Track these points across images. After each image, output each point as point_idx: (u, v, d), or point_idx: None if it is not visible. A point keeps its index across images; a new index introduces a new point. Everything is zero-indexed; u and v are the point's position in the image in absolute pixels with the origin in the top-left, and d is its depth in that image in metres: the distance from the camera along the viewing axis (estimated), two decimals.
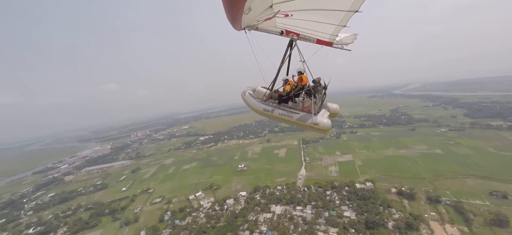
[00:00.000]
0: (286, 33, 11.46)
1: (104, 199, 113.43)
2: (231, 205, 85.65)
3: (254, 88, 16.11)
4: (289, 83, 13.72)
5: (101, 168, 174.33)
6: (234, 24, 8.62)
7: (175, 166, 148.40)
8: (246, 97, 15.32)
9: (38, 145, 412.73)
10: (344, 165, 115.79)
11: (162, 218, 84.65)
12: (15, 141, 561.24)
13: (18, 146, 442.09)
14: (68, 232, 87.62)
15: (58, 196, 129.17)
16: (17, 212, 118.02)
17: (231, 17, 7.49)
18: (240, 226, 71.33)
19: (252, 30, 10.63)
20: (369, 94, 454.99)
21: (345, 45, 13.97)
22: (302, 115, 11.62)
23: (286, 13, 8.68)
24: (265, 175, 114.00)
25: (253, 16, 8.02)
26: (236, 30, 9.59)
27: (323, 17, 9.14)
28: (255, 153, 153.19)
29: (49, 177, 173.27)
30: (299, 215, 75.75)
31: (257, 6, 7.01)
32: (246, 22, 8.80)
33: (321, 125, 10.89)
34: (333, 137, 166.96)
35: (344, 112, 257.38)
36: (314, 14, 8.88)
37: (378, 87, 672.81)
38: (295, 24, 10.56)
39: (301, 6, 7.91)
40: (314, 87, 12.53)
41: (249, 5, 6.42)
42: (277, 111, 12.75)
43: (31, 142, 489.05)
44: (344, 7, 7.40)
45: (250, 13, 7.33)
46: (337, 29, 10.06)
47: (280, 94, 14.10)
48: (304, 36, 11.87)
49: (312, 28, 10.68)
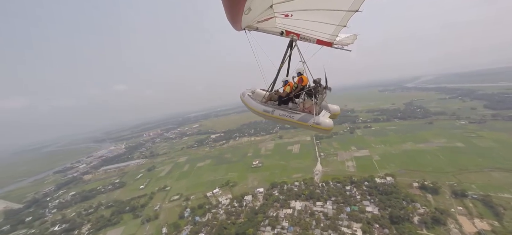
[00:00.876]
0: (286, 33, 11.41)
1: (123, 197, 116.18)
2: (250, 202, 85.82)
3: (253, 89, 15.97)
4: (289, 84, 13.61)
5: (118, 167, 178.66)
6: (234, 25, 8.53)
7: (190, 164, 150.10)
8: (245, 99, 15.18)
9: (55, 146, 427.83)
10: (361, 160, 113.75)
11: (182, 215, 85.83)
12: (32, 143, 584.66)
13: (36, 147, 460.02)
14: (92, 229, 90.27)
15: (79, 194, 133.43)
16: (42, 210, 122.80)
17: (231, 17, 7.44)
18: (261, 222, 71.38)
19: (252, 30, 10.59)
20: (380, 88, 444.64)
21: (345, 45, 13.98)
22: (304, 116, 11.57)
23: (286, 13, 8.68)
24: (281, 171, 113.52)
25: (253, 16, 7.99)
26: (236, 31, 9.52)
27: (323, 17, 9.10)
28: (268, 149, 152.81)
29: (69, 177, 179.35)
30: (320, 210, 74.99)
31: (257, 6, 7.00)
32: (246, 22, 8.77)
33: (323, 125, 10.82)
34: (346, 132, 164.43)
35: (356, 107, 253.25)
36: (314, 14, 8.86)
37: (389, 81, 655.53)
38: (295, 24, 10.55)
39: (301, 6, 7.86)
40: (315, 87, 12.43)
41: (249, 5, 6.42)
42: (277, 112, 12.64)
43: (47, 143, 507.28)
44: (344, 7, 7.39)
45: (250, 13, 7.29)
46: (337, 29, 10.01)
47: (280, 95, 13.94)
48: (304, 37, 11.81)
49: (312, 28, 10.65)
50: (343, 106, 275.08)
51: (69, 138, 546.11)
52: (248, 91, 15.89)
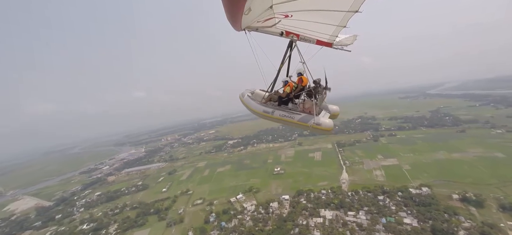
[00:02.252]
0: (286, 34, 11.35)
1: (147, 199, 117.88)
2: (276, 209, 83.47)
3: (253, 90, 15.87)
4: (289, 84, 13.49)
5: (139, 169, 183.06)
6: (234, 25, 8.47)
7: (210, 169, 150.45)
8: (245, 100, 15.00)
9: (79, 149, 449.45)
10: (390, 169, 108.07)
11: (207, 220, 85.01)
12: (58, 144, 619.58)
13: (62, 149, 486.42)
14: (119, 230, 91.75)
15: (104, 195, 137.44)
16: (70, 208, 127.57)
17: (231, 18, 7.39)
18: (290, 230, 68.83)
19: (252, 31, 10.52)
20: (400, 95, 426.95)
21: (345, 46, 13.90)
22: (304, 116, 11.49)
23: (286, 14, 8.63)
24: (305, 178, 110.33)
25: (253, 16, 7.94)
26: (236, 31, 9.37)
27: (323, 18, 9.01)
28: (289, 156, 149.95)
29: (94, 177, 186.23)
30: (353, 220, 71.13)
31: (257, 7, 6.98)
32: (246, 22, 8.72)
33: (324, 126, 10.78)
34: (370, 140, 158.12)
35: (377, 114, 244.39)
36: (314, 14, 8.77)
37: (409, 88, 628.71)
38: (295, 25, 10.51)
39: (301, 6, 7.79)
40: (315, 88, 12.32)
41: (249, 6, 6.35)
42: (277, 112, 12.51)
43: (72, 146, 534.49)
44: (344, 7, 7.32)
45: (250, 14, 7.24)
46: (337, 30, 9.95)
47: (280, 96, 13.79)
48: (304, 37, 11.77)
49: (312, 28, 10.59)
50: (362, 113, 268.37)
51: (92, 141, 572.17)
52: (247, 91, 15.75)
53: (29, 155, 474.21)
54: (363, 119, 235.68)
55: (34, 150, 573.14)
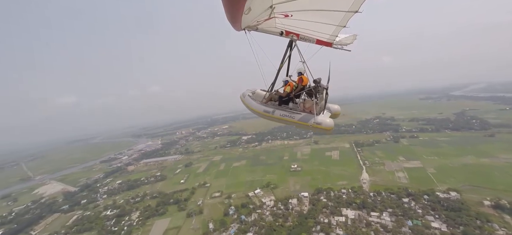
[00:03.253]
0: (285, 33, 11.34)
1: (166, 189, 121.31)
2: (296, 205, 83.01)
3: (254, 90, 15.84)
4: (289, 84, 13.45)
5: (157, 161, 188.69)
6: (234, 25, 8.44)
7: (225, 163, 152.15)
8: (246, 100, 15.04)
9: (99, 139, 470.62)
10: (413, 171, 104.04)
11: (226, 212, 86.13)
12: (80, 135, 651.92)
13: (83, 139, 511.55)
14: (141, 217, 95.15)
15: (125, 183, 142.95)
16: (94, 194, 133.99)
17: (231, 17, 7.38)
18: (312, 227, 68.18)
19: (252, 30, 10.51)
20: (421, 95, 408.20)
21: (345, 45, 13.88)
22: (304, 116, 11.48)
23: (285, 14, 8.61)
24: (323, 177, 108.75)
25: (253, 16, 7.95)
26: (236, 31, 9.34)
27: (323, 18, 8.97)
28: (305, 154, 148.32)
29: (114, 166, 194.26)
30: (377, 221, 69.31)
31: (257, 7, 6.98)
32: (246, 22, 8.73)
33: (324, 125, 10.73)
34: (390, 141, 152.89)
35: (396, 115, 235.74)
36: (314, 14, 8.75)
37: (431, 88, 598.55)
38: (295, 25, 10.47)
39: (301, 6, 7.78)
40: (315, 87, 12.30)
41: (249, 5, 6.34)
42: (278, 112, 12.49)
43: (92, 136, 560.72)
44: (343, 7, 7.31)
45: (250, 14, 7.25)
46: (337, 30, 9.89)
47: (280, 95, 13.81)
48: (303, 37, 11.77)
49: (312, 28, 10.56)
50: (380, 113, 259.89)
51: (111, 132, 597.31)
52: (248, 91, 15.75)
53: (54, 143, 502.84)
54: (381, 119, 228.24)
55: (58, 139, 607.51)
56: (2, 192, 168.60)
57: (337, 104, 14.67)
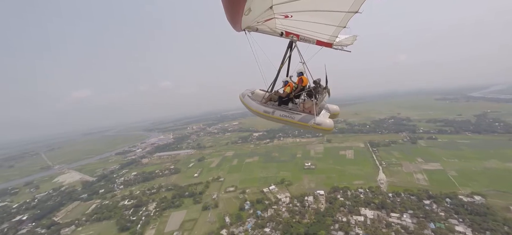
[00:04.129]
0: (286, 34, 11.31)
1: (181, 182, 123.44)
2: (312, 203, 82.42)
3: (253, 90, 15.86)
4: (289, 84, 13.46)
5: (170, 154, 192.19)
6: (234, 25, 8.41)
7: (238, 159, 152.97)
8: (245, 100, 14.99)
9: (113, 132, 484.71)
10: (433, 174, 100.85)
11: (242, 207, 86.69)
12: (95, 127, 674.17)
13: (98, 131, 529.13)
14: (157, 208, 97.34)
15: (140, 175, 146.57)
16: (111, 184, 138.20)
17: (231, 18, 7.34)
18: (330, 225, 67.53)
19: (252, 31, 10.48)
20: (436, 96, 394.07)
21: (345, 46, 13.79)
22: (304, 116, 11.49)
23: (286, 14, 8.60)
24: (338, 175, 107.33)
25: (253, 17, 7.95)
26: (236, 31, 9.29)
27: (323, 18, 8.95)
28: (318, 152, 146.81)
29: (129, 158, 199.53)
30: (397, 222, 67.79)
31: (257, 7, 6.97)
32: (246, 23, 8.70)
33: (324, 126, 10.72)
34: (407, 142, 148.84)
35: (412, 115, 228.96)
36: (314, 15, 8.72)
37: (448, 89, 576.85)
38: (295, 25, 10.44)
39: (301, 7, 7.76)
40: (315, 88, 12.32)
41: (249, 6, 6.37)
42: (277, 112, 12.53)
43: (106, 129, 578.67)
44: (343, 8, 7.31)
45: (250, 14, 7.25)
46: (337, 30, 9.88)
47: (280, 96, 13.79)
48: (304, 37, 11.71)
49: (312, 29, 10.50)
50: (395, 113, 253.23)
51: (123, 126, 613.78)
52: (248, 91, 15.67)
53: (70, 135, 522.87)
54: (397, 119, 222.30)
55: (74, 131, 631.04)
56: (25, 180, 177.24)
57: (338, 104, 14.82)
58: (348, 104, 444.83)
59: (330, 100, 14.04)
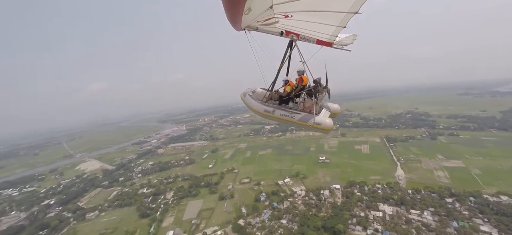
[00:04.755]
0: (286, 33, 11.30)
1: (196, 173, 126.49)
2: (328, 197, 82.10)
3: (254, 89, 15.88)
4: (290, 83, 13.50)
5: (184, 145, 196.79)
6: (234, 25, 8.46)
7: (251, 151, 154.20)
8: (246, 99, 15.14)
9: (127, 123, 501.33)
10: (455, 171, 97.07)
11: (257, 198, 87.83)
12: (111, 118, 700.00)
13: (114, 122, 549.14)
14: (175, 197, 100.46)
15: (156, 165, 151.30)
16: (129, 173, 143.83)
17: (231, 18, 7.33)
18: (348, 219, 67.15)
19: (252, 30, 10.47)
20: (459, 91, 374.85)
21: (345, 45, 13.81)
22: (304, 116, 11.54)
23: (286, 14, 8.63)
24: (354, 170, 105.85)
25: (253, 16, 8.01)
26: (236, 31, 9.35)
27: (323, 18, 8.93)
28: (332, 146, 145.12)
29: (145, 149, 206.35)
30: (417, 219, 66.28)
31: (257, 7, 6.99)
32: (246, 22, 8.74)
33: (324, 125, 10.76)
34: (426, 138, 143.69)
35: (431, 110, 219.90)
36: (314, 15, 8.72)
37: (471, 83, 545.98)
38: (295, 25, 10.41)
39: (301, 7, 7.73)
40: (315, 87, 12.34)
41: (249, 6, 6.40)
42: (278, 112, 12.58)
43: (121, 120, 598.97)
44: (343, 8, 7.30)
45: (250, 14, 7.28)
46: (337, 30, 9.88)
47: (280, 95, 13.88)
48: (304, 37, 11.72)
49: (312, 28, 10.48)
50: (412, 108, 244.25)
51: (137, 117, 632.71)
52: (249, 91, 15.79)
53: (88, 126, 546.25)
54: (414, 114, 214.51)
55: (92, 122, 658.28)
56: (50, 167, 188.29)
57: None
58: (361, 98, 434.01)
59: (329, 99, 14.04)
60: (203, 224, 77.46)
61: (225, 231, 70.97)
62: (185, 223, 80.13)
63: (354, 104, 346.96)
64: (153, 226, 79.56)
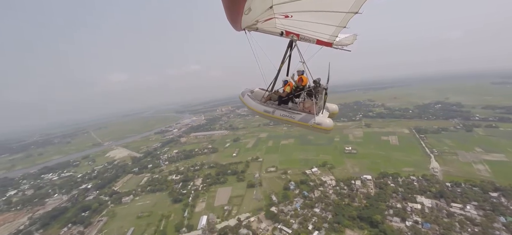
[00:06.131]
0: (286, 33, 11.25)
1: (221, 161, 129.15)
2: (360, 187, 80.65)
3: (253, 89, 15.92)
4: (289, 84, 13.51)
5: (205, 134, 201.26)
6: (234, 25, 8.39)
7: (273, 141, 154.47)
8: (245, 99, 14.95)
9: (147, 114, 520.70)
10: (496, 165, 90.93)
11: (286, 187, 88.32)
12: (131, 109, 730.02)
13: (134, 113, 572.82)
14: (204, 184, 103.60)
15: (181, 153, 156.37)
16: (156, 160, 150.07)
17: (231, 18, 7.32)
18: (384, 210, 65.76)
19: (252, 30, 10.42)
20: (494, 79, 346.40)
21: (345, 45, 13.85)
22: (304, 116, 11.58)
23: (286, 14, 8.67)
24: (383, 161, 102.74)
25: (253, 16, 8.01)
26: (236, 31, 9.34)
27: (323, 18, 8.97)
28: (358, 137, 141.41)
29: (167, 138, 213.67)
30: (460, 213, 63.40)
31: (257, 7, 7.00)
32: (246, 22, 8.75)
33: (324, 125, 10.83)
34: (460, 130, 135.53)
35: (463, 101, 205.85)
36: (314, 15, 8.76)
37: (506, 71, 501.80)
38: (295, 25, 10.40)
39: (301, 7, 7.73)
40: (315, 87, 12.30)
41: (249, 6, 6.41)
42: (278, 112, 12.58)
43: (141, 111, 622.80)
44: (344, 8, 7.33)
45: (250, 14, 7.27)
46: (337, 30, 9.89)
47: (280, 95, 13.87)
48: (304, 37, 11.67)
49: (312, 29, 10.46)
50: (442, 98, 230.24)
51: (156, 108, 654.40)
52: (247, 91, 15.66)
53: (112, 116, 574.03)
54: (444, 105, 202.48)
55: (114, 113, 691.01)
56: (82, 154, 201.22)
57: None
58: (382, 88, 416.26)
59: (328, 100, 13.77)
60: (235, 210, 79.48)
61: (259, 217, 72.32)
62: (217, 209, 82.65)
63: (376, 94, 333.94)
64: (186, 211, 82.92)
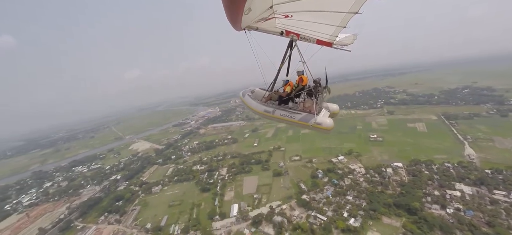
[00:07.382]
0: (286, 33, 11.29)
1: (242, 151, 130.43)
2: (392, 175, 78.91)
3: (253, 89, 15.89)
4: (290, 83, 13.53)
5: (223, 126, 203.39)
6: (234, 25, 8.39)
7: (293, 130, 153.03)
8: (246, 99, 15.06)
9: (162, 107, 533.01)
10: None
11: (314, 175, 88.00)
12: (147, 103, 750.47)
13: (150, 106, 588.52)
14: (229, 173, 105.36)
15: (202, 144, 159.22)
16: (179, 151, 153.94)
17: (231, 18, 7.31)
18: (422, 198, 64.10)
19: (252, 30, 10.50)
20: None
21: (345, 45, 13.81)
22: (304, 116, 11.58)
23: (286, 14, 8.71)
24: (413, 149, 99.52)
25: (253, 16, 8.03)
26: (236, 31, 9.28)
27: (323, 18, 8.99)
28: (381, 124, 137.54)
29: (186, 130, 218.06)
30: (504, 200, 60.60)
31: (257, 7, 7.05)
32: (246, 22, 8.83)
33: (324, 125, 10.83)
34: (494, 115, 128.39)
35: (495, 85, 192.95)
36: (314, 15, 8.77)
37: None
38: (295, 25, 10.44)
39: (301, 7, 7.78)
40: (315, 87, 12.38)
41: (249, 6, 6.46)
42: (278, 112, 12.54)
43: (156, 105, 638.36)
44: (344, 8, 7.36)
45: (250, 14, 7.30)
46: (337, 30, 9.94)
47: (280, 95, 13.88)
48: (304, 37, 11.65)
49: (312, 28, 10.51)
50: (470, 82, 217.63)
51: (170, 101, 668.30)
52: (248, 90, 15.71)
53: (128, 111, 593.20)
54: (473, 89, 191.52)
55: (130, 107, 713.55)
56: (106, 147, 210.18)
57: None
58: (400, 74, 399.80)
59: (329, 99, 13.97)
60: (265, 199, 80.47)
61: (291, 205, 72.88)
62: (246, 197, 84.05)
63: (395, 80, 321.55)
64: (217, 200, 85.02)
